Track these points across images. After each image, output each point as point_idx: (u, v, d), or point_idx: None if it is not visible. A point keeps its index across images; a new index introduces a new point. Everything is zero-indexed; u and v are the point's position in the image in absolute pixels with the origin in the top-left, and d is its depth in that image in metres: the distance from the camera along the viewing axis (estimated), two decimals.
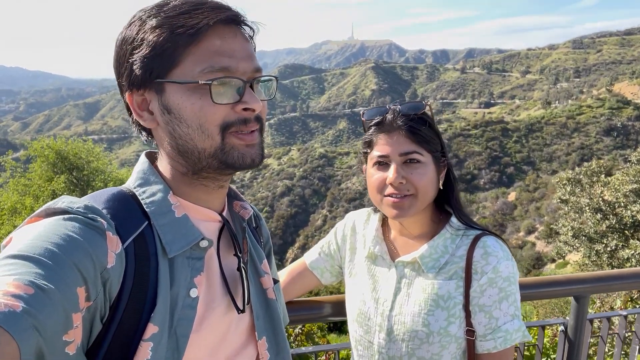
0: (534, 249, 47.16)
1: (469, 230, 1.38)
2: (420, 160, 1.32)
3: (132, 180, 0.97)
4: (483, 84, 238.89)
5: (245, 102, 0.89)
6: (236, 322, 1.02)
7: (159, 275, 0.87)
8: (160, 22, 0.87)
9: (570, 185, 16.56)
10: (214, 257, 0.99)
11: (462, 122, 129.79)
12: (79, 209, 0.81)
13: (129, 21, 0.91)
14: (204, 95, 0.87)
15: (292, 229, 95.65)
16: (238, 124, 0.90)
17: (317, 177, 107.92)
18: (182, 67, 0.87)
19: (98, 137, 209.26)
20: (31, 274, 0.66)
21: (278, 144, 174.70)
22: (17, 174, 19.89)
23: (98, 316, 0.79)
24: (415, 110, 1.35)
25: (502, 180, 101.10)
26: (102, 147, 22.45)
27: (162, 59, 0.87)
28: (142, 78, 0.89)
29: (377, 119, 1.37)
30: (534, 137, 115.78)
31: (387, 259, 1.45)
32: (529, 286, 1.98)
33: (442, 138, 1.40)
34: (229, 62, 0.88)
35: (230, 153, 0.91)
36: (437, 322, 1.31)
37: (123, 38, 0.91)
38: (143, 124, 0.94)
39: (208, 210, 1.00)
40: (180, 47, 0.86)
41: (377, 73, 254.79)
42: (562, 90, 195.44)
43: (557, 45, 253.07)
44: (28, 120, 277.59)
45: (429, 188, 1.34)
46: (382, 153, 1.34)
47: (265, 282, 1.12)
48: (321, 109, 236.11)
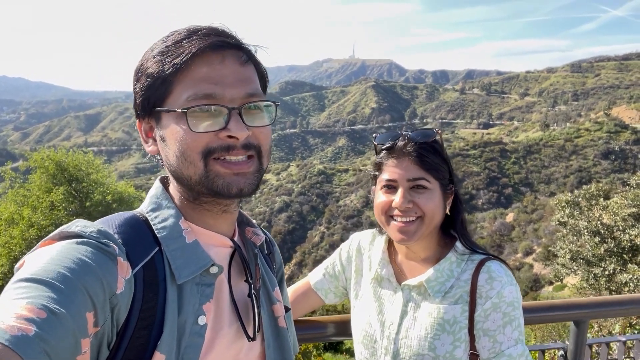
0: (531, 270, 46.90)
1: (474, 254, 1.40)
2: (427, 186, 1.35)
3: (145, 205, 0.98)
4: (482, 104, 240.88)
5: (228, 129, 0.88)
6: (246, 350, 1.00)
7: (167, 302, 0.86)
8: (158, 52, 0.88)
9: (569, 207, 16.58)
10: (224, 283, 0.98)
11: (460, 142, 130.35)
12: (92, 233, 0.82)
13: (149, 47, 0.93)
14: (186, 123, 0.87)
15: (290, 245, 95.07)
16: (220, 150, 0.89)
17: (315, 194, 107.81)
18: (173, 96, 0.88)
19: (97, 149, 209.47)
20: (44, 297, 0.66)
21: (277, 160, 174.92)
22: (16, 184, 19.84)
23: (105, 342, 0.78)
24: (426, 138, 1.37)
25: (500, 200, 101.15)
26: (102, 159, 22.44)
27: (156, 88, 0.88)
28: (142, 107, 0.91)
29: (388, 144, 1.40)
30: (532, 158, 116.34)
31: (394, 282, 1.46)
32: (530, 310, 1.97)
33: (451, 165, 1.43)
34: (213, 89, 0.87)
35: (215, 181, 0.89)
36: (443, 346, 1.32)
37: (135, 68, 0.93)
38: (147, 150, 0.96)
39: (219, 236, 0.98)
40: (170, 76, 0.87)
41: (377, 91, 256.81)
42: (561, 113, 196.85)
43: (556, 68, 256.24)
44: (28, 130, 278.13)
45: (436, 213, 1.36)
46: (390, 177, 1.37)
47: (277, 310, 1.11)
48: (321, 125, 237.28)
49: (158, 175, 1.05)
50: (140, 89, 0.90)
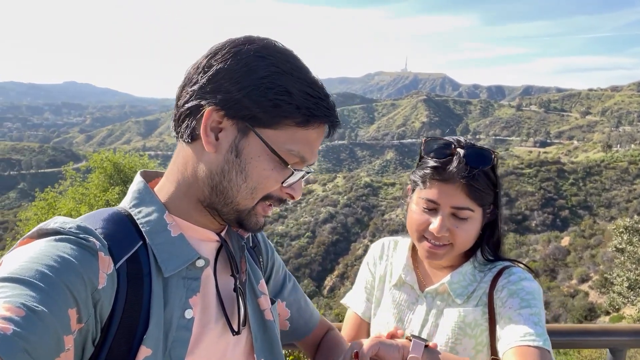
0: (586, 299, 44.25)
1: (497, 261, 1.38)
2: (469, 216, 1.29)
3: (127, 200, 0.96)
4: (539, 122, 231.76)
5: (293, 189, 0.94)
6: (234, 343, 1.00)
7: (152, 295, 0.85)
8: (292, 82, 0.87)
9: (628, 233, 15.61)
10: (210, 278, 0.98)
11: (515, 160, 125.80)
12: (70, 229, 0.80)
13: (267, 49, 0.88)
14: (277, 168, 0.89)
15: (333, 256, 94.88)
16: (276, 200, 0.94)
17: (361, 206, 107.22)
18: (277, 133, 0.88)
19: (154, 153, 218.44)
20: (22, 296, 0.66)
21: (324, 171, 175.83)
22: (77, 183, 21.12)
23: (90, 339, 0.78)
24: (483, 165, 1.27)
25: (555, 223, 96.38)
26: (157, 163, 23.46)
27: (271, 112, 0.86)
28: (238, 108, 0.86)
29: (439, 162, 1.28)
30: (592, 180, 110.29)
31: (417, 289, 1.43)
32: (562, 333, 1.88)
33: (500, 189, 1.34)
34: (310, 156, 0.92)
35: (250, 217, 0.93)
36: (465, 351, 1.29)
37: (250, 57, 0.86)
38: (204, 140, 0.88)
39: (205, 230, 0.98)
40: (292, 119, 0.88)
41: (428, 105, 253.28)
42: (625, 133, 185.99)
43: (621, 87, 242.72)
44: (92, 133, 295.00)
45: (469, 242, 1.33)
46: (433, 199, 1.29)
47: (262, 303, 1.11)
48: (369, 138, 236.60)
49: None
50: (253, 92, 0.85)
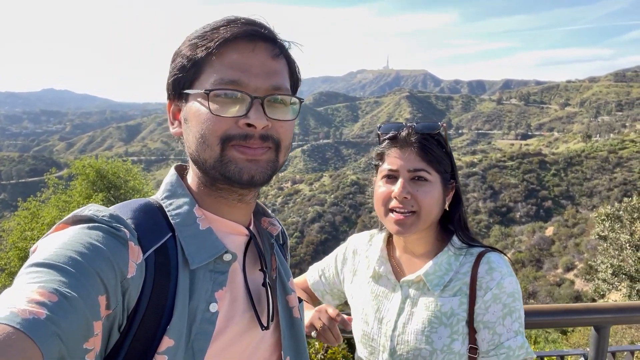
0: (572, 287, 45.02)
1: (472, 248, 1.39)
2: (428, 178, 1.33)
3: (160, 192, 0.98)
4: (520, 115, 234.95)
5: (248, 117, 0.89)
6: (259, 339, 0.99)
7: (177, 287, 0.86)
8: (195, 36, 0.91)
9: (610, 221, 15.93)
10: (238, 272, 0.98)
11: (497, 153, 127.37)
12: (104, 217, 0.82)
13: (193, 33, 0.94)
14: (215, 109, 0.88)
15: (322, 255, 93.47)
16: (238, 138, 0.89)
17: (348, 204, 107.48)
18: (202, 79, 0.90)
19: (137, 158, 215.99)
20: (55, 281, 0.68)
21: (310, 170, 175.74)
22: (59, 190, 20.78)
23: (116, 325, 0.79)
24: (430, 130, 1.36)
25: (539, 214, 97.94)
26: (140, 168, 23.20)
27: (187, 70, 0.90)
28: (172, 87, 0.94)
29: (391, 134, 1.39)
30: (573, 170, 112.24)
31: (392, 279, 1.45)
32: (548, 313, 1.94)
33: (453, 160, 1.41)
34: (239, 75, 0.88)
35: (228, 166, 0.90)
36: (441, 339, 1.31)
37: (173, 53, 0.95)
38: (171, 130, 0.97)
39: (233, 223, 0.99)
40: (201, 59, 0.89)
41: (411, 102, 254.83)
42: (604, 123, 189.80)
43: (599, 77, 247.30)
44: (73, 140, 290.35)
45: (433, 207, 1.35)
46: (391, 167, 1.36)
47: (291, 301, 1.11)
48: (354, 136, 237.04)
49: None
50: (172, 70, 0.92)
